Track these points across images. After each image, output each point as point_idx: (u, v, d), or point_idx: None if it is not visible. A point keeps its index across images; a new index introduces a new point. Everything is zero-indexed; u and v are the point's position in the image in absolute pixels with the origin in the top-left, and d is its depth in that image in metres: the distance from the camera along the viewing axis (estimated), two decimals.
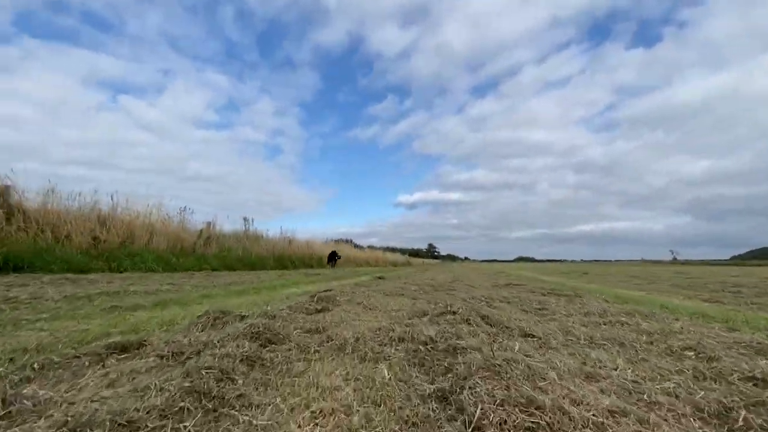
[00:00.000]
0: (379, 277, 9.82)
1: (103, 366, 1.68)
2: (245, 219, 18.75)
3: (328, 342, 2.10)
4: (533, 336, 2.35)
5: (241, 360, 1.60)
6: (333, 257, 20.60)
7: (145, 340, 1.98)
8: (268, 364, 1.69)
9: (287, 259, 19.80)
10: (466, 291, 5.80)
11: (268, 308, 2.99)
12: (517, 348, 1.78)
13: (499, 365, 1.38)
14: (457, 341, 1.76)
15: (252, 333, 1.97)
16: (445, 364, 1.52)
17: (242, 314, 2.66)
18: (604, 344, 2.25)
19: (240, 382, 1.39)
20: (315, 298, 3.65)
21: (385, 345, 2.09)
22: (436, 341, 1.91)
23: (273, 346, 1.94)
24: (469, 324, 2.43)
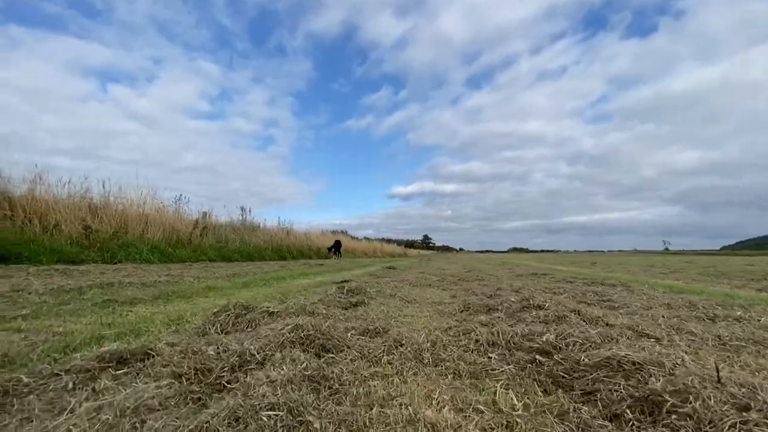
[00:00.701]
0: (390, 267, 9.31)
1: (94, 391, 1.14)
2: (242, 208, 18.05)
3: (397, 348, 1.57)
4: (649, 336, 1.84)
5: (303, 381, 1.07)
6: (338, 247, 20.04)
7: (150, 349, 1.43)
8: (337, 386, 1.15)
9: (285, 250, 19.21)
10: (496, 281, 5.31)
11: (304, 302, 2.45)
12: (686, 359, 1.26)
13: (739, 396, 0.87)
14: (610, 351, 1.24)
15: (301, 338, 1.43)
16: (624, 391, 1.01)
17: (269, 309, 2.12)
18: (745, 346, 1.75)
19: (317, 426, 0.85)
20: (345, 291, 3.12)
21: (473, 352, 1.57)
22: (562, 348, 1.39)
23: (330, 355, 1.41)
24: (567, 322, 1.91)
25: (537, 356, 1.37)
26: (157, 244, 11.02)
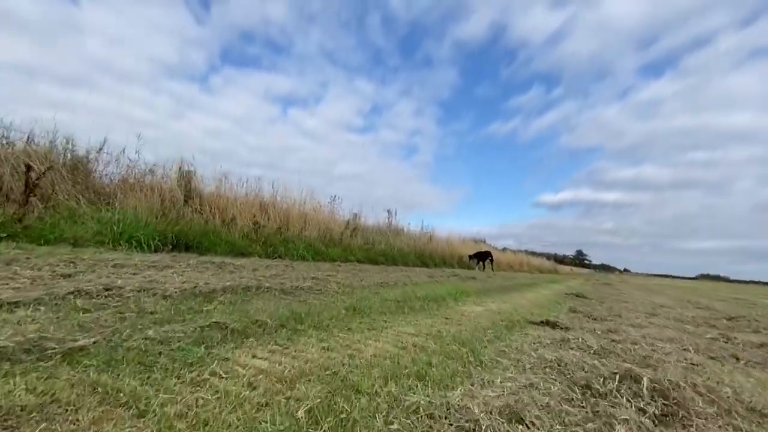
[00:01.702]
0: (577, 295, 6.87)
1: None
2: (389, 211, 17.71)
3: None
4: None
5: None
6: (484, 258, 17.79)
7: None
8: None
9: (428, 256, 18.11)
10: None
11: None
12: None
13: None
14: None
15: None
16: None
17: None
18: None
19: None
20: (649, 397, 1.33)
21: None
22: None
23: None
24: None
25: None
26: (312, 242, 11.18)
